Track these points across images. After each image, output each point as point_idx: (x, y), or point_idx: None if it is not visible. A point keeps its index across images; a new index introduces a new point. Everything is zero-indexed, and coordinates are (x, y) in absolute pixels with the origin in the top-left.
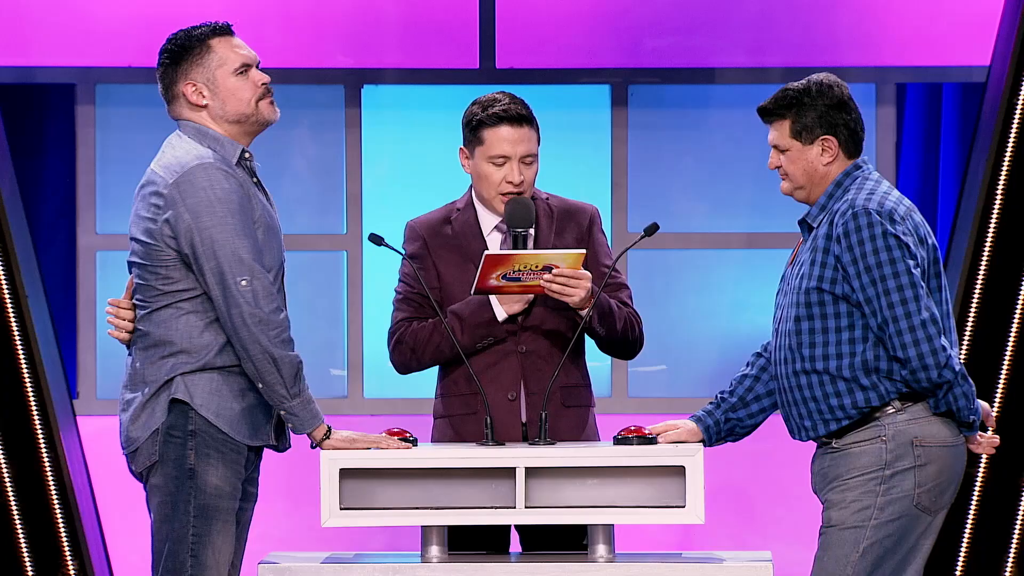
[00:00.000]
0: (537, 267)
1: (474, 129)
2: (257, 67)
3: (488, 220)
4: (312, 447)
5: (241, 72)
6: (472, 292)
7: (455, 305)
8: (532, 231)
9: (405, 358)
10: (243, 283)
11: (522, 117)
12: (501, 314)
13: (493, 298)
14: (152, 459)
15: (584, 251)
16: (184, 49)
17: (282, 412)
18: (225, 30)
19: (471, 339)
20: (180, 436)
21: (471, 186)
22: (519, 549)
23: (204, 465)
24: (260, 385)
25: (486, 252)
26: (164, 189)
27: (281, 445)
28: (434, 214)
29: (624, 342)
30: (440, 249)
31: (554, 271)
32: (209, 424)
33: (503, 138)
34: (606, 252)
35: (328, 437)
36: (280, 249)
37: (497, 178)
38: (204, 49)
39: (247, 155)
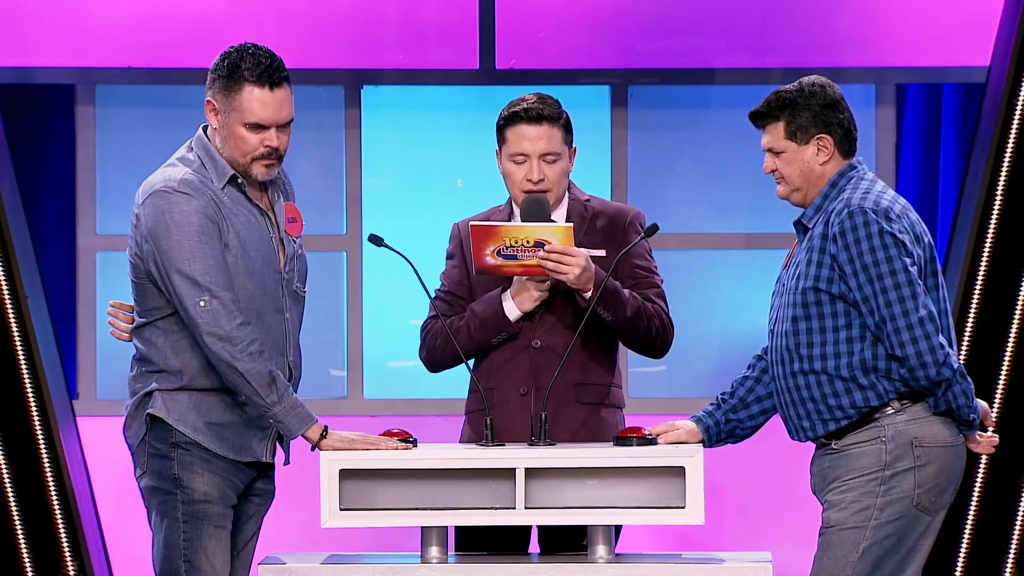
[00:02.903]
0: (529, 243)
1: (500, 129)
2: (278, 128)
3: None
4: (312, 449)
5: (252, 127)
6: (474, 271)
7: (474, 302)
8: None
9: (429, 355)
10: (201, 304)
11: (542, 116)
12: (514, 312)
13: (507, 296)
14: (143, 468)
15: (571, 224)
16: (222, 71)
17: (269, 420)
18: (267, 80)
19: (484, 335)
20: (163, 448)
21: None
22: (538, 549)
23: (189, 474)
24: (242, 397)
25: (471, 223)
26: (136, 209)
27: (272, 458)
28: (478, 215)
29: (636, 332)
30: None
31: (546, 247)
32: (188, 438)
33: (522, 136)
34: (639, 253)
35: (325, 437)
36: (261, 272)
37: (519, 176)
38: (236, 85)
39: (239, 180)
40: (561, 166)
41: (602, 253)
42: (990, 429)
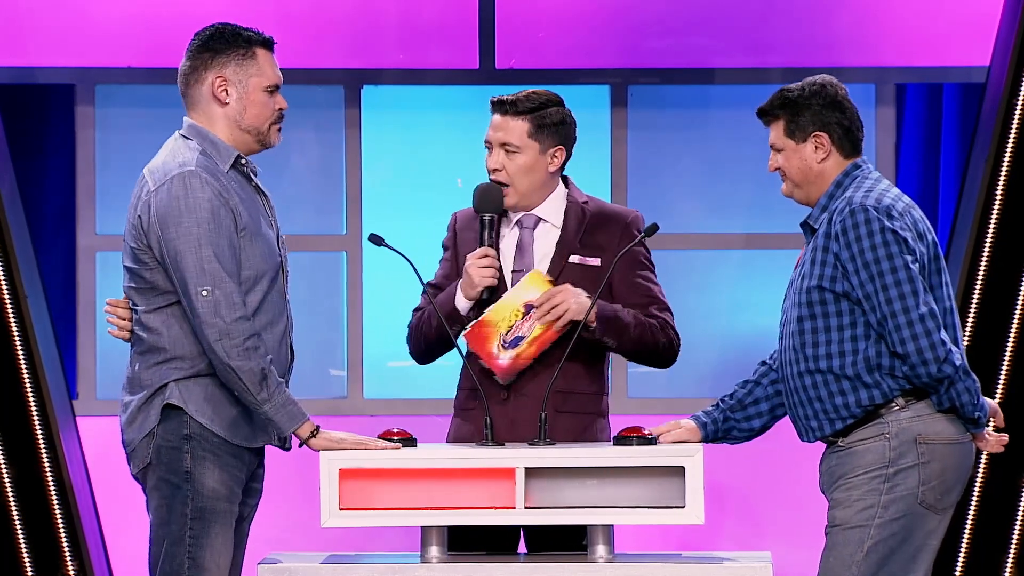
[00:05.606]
0: (519, 315)
1: None
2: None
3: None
4: (299, 445)
5: (270, 91)
6: (499, 376)
7: (440, 294)
8: (500, 216)
9: (412, 346)
10: (203, 293)
11: (506, 106)
12: (462, 303)
13: (456, 286)
14: (146, 461)
15: (537, 269)
16: (228, 44)
17: (260, 415)
18: (271, 44)
19: (443, 327)
20: (175, 440)
21: None
22: (525, 549)
23: (201, 468)
24: (235, 392)
25: (463, 332)
26: (145, 195)
27: (286, 444)
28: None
29: (645, 350)
30: (468, 242)
31: (534, 307)
32: (204, 428)
33: (490, 125)
34: (640, 262)
35: (314, 436)
36: (272, 253)
37: (488, 164)
38: (248, 53)
39: (243, 161)
40: (522, 160)
41: (596, 262)
42: (996, 428)
